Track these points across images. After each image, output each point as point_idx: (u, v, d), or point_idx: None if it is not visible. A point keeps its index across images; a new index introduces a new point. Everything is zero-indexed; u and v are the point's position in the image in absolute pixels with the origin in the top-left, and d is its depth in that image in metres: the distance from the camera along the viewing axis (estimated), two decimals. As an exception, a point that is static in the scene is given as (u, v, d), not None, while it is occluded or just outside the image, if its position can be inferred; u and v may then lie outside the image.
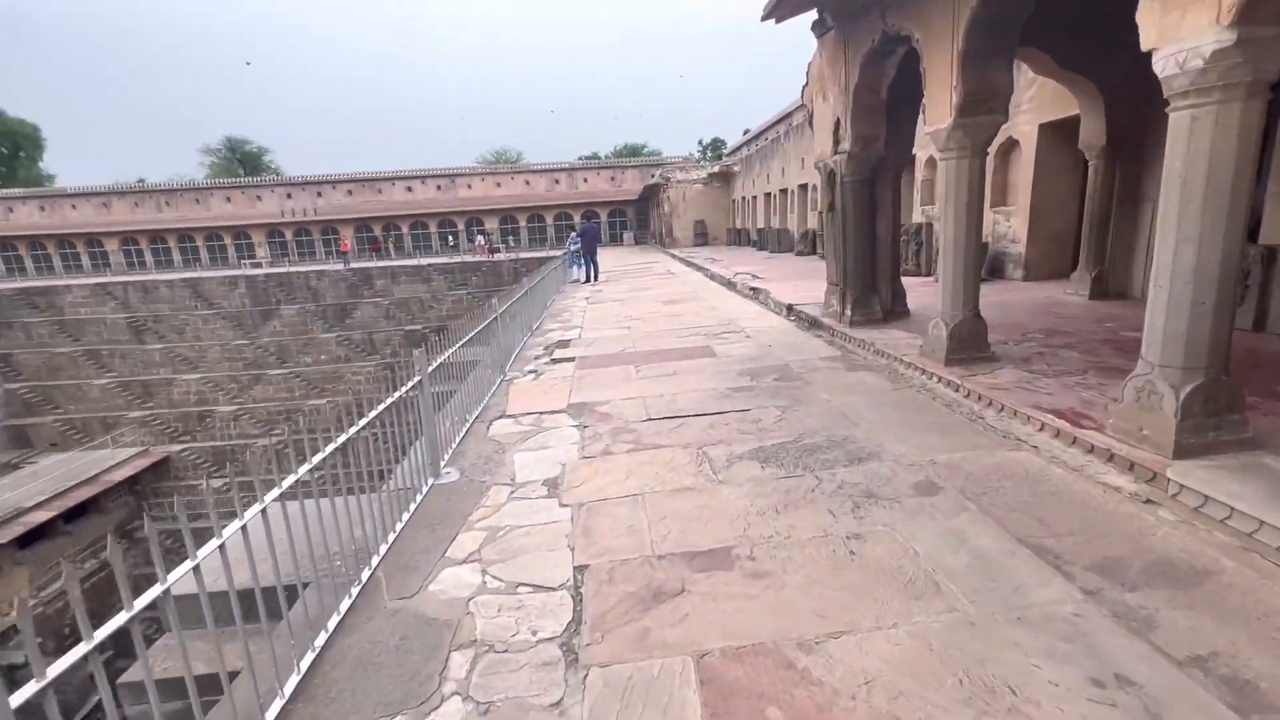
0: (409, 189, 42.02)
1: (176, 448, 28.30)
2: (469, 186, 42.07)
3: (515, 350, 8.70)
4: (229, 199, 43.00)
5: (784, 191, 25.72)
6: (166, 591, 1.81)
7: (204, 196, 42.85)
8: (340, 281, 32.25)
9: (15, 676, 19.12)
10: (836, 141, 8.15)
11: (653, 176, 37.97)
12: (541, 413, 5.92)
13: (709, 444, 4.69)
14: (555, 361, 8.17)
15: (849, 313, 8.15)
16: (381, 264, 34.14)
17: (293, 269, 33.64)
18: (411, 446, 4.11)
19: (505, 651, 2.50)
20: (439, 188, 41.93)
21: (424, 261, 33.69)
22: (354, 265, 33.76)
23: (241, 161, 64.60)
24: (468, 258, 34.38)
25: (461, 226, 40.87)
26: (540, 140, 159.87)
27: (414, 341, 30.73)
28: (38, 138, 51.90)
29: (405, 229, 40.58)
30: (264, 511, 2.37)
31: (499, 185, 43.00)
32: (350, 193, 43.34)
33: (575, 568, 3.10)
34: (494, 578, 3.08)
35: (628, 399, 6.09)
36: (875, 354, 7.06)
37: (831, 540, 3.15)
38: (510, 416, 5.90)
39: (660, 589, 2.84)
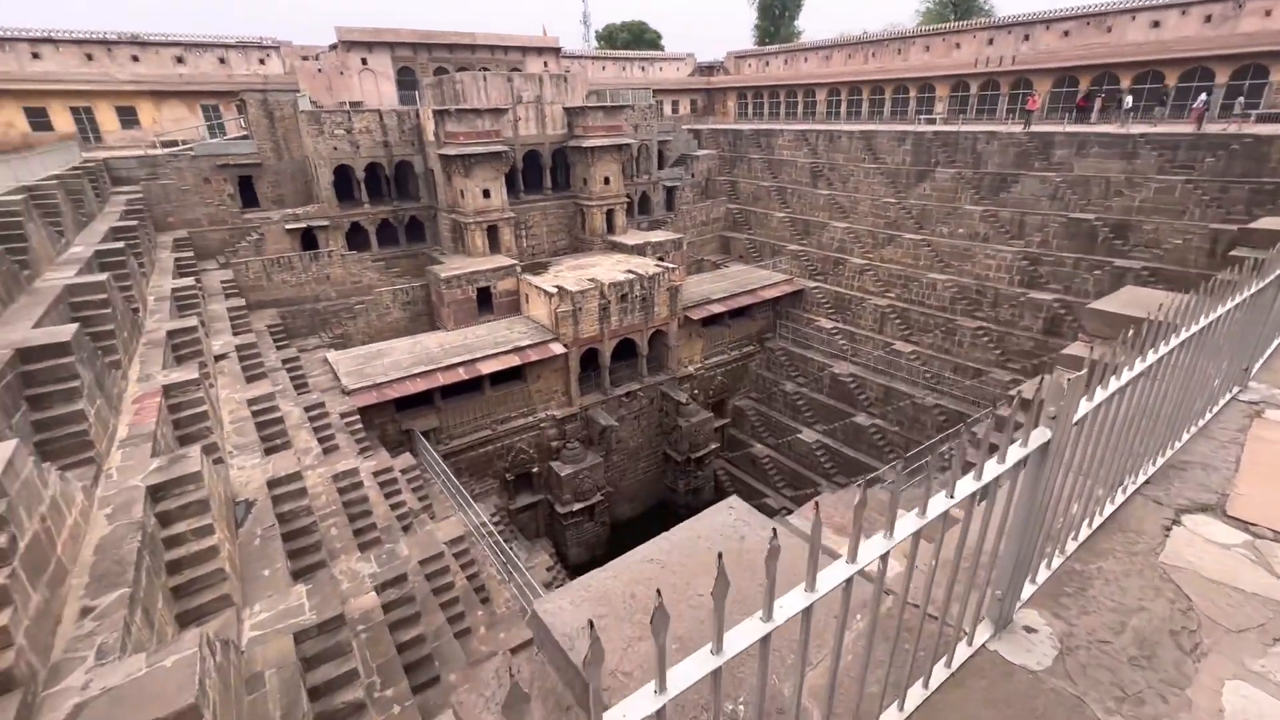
0: (1155, 23, 30.84)
1: (811, 284, 32.60)
2: (1268, 13, 27.48)
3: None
4: (928, 48, 41.87)
5: None
6: None
7: (905, 46, 43.06)
8: (1010, 146, 27.76)
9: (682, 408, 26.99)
10: None
11: None
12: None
13: None
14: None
15: None
16: (1072, 129, 27.33)
17: (963, 127, 30.83)
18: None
19: None
20: (1208, 19, 29.10)
21: (1134, 130, 25.08)
22: (1035, 128, 28.23)
23: (955, 5, 61.44)
24: (1212, 128, 23.62)
25: (1224, 80, 28.01)
26: None
27: (1074, 234, 24.52)
28: (799, -2, 62.27)
29: (1127, 82, 30.82)
30: None
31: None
32: (1066, 34, 35.30)
33: None
34: None
35: None
36: None
37: None
38: None
39: None
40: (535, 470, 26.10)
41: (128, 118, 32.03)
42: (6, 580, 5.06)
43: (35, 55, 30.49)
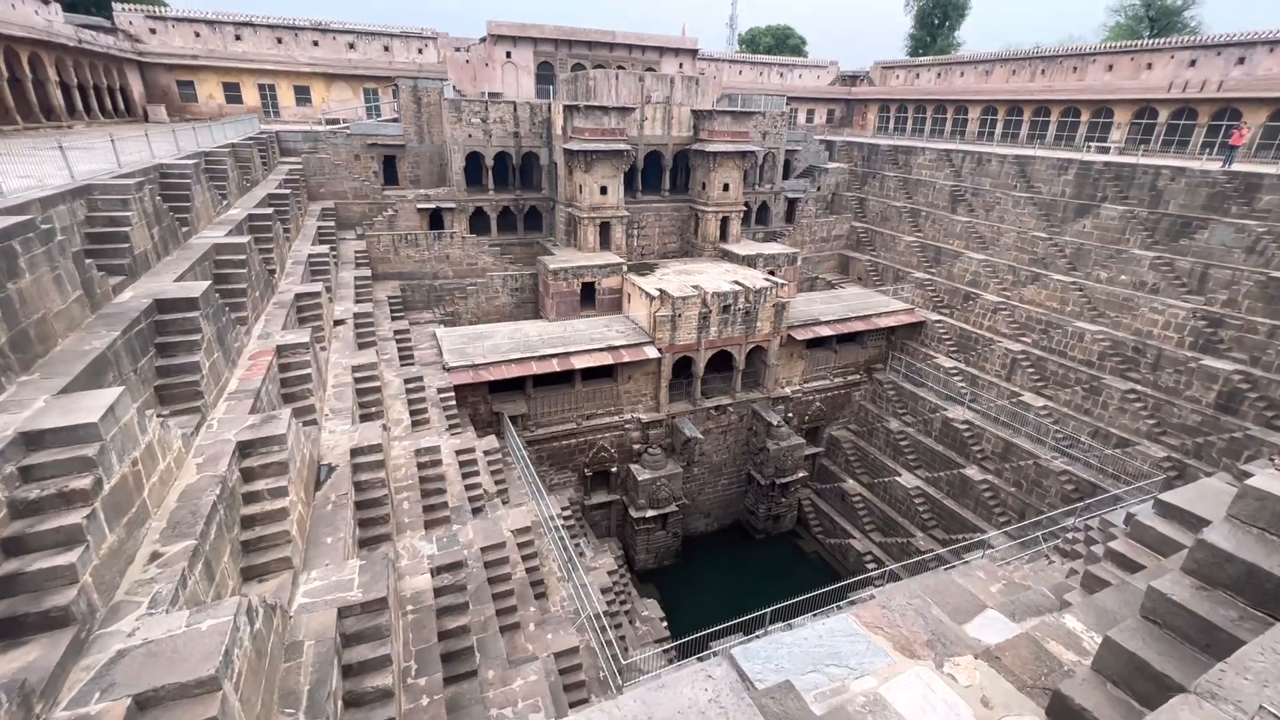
0: None
1: (934, 316, 29.99)
2: None
3: None
4: (1110, 66, 37.04)
5: None
6: None
7: (1083, 64, 38.37)
8: (1202, 186, 23.81)
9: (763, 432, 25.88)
10: None
11: None
12: None
13: None
14: None
15: None
16: (1287, 171, 23.00)
17: (1142, 160, 26.91)
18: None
19: None
20: None
21: (1377, 177, 20.60)
22: (1237, 166, 24.04)
23: (1153, 20, 54.08)
24: None
25: None
26: None
27: (1273, 296, 20.51)
28: (964, 6, 57.48)
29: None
30: None
31: None
32: (1294, 58, 29.86)
33: None
34: None
35: None
36: None
37: None
38: None
39: None
40: (614, 470, 26.05)
41: (302, 96, 35.74)
42: (84, 520, 5.44)
43: (238, 37, 34.78)
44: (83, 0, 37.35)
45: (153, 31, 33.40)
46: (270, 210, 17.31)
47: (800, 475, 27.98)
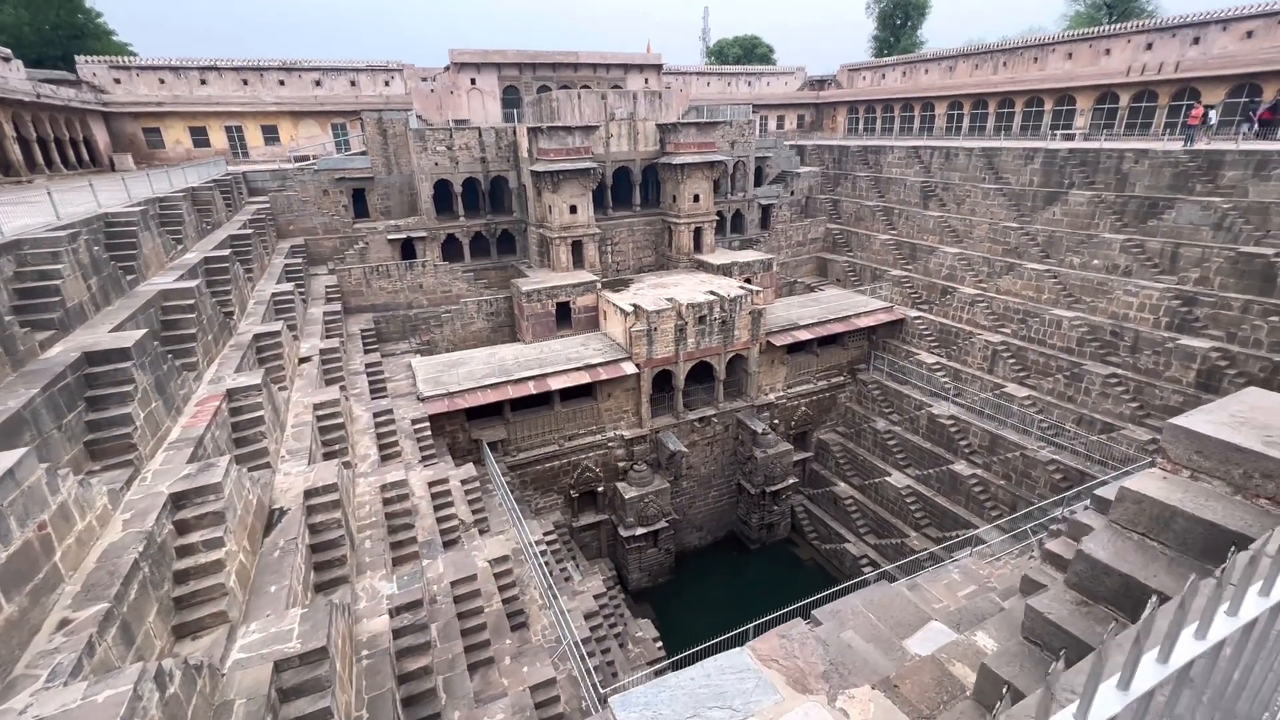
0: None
1: (913, 313, 29.90)
2: None
3: None
4: (1070, 55, 37.39)
5: None
6: None
7: (1043, 54, 38.75)
8: (1165, 166, 23.89)
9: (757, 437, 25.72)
10: None
11: None
12: None
13: None
14: None
15: None
16: (1250, 146, 23.11)
17: (1105, 144, 27.03)
18: None
19: None
20: None
21: (1336, 147, 20.67)
22: (1198, 145, 24.14)
23: (1111, 7, 54.84)
24: None
25: None
26: None
27: (1244, 271, 20.48)
28: (924, 6, 58.24)
29: (1325, 91, 25.68)
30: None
31: None
32: (1250, 35, 30.16)
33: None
34: None
35: None
36: None
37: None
38: None
39: None
40: (601, 490, 25.71)
41: (270, 135, 35.76)
42: (-28, 593, 5.16)
43: (203, 81, 34.87)
44: (50, 55, 37.52)
45: (117, 81, 33.46)
46: (228, 252, 17.14)
47: (791, 482, 27.67)
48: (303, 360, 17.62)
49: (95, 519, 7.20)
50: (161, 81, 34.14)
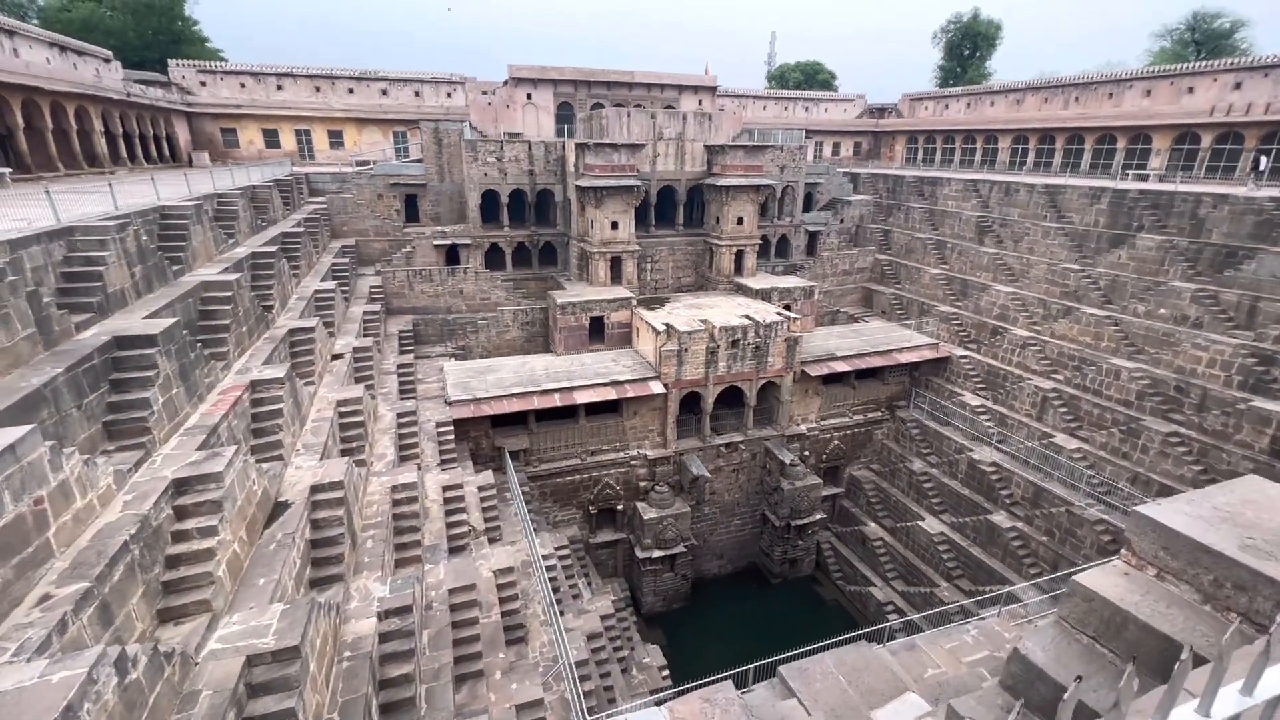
0: None
1: (960, 352, 28.65)
2: None
3: None
4: (1149, 91, 35.47)
5: None
6: None
7: (1119, 90, 36.90)
8: (1247, 214, 22.22)
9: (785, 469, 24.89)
10: None
11: None
12: None
13: None
14: None
15: None
16: (1343, 196, 21.26)
17: (1181, 187, 25.40)
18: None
19: None
20: None
21: None
22: (1272, 192, 22.39)
23: (1200, 44, 51.98)
24: None
25: None
26: None
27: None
28: (994, 37, 56.57)
29: None
30: None
31: None
32: (1352, 78, 27.99)
33: None
34: None
35: None
36: None
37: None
38: None
39: None
40: (620, 508, 25.43)
41: (335, 139, 37.51)
42: (-47, 562, 5.35)
43: (279, 87, 36.95)
44: (150, 59, 40.58)
45: (203, 84, 35.83)
46: (276, 249, 17.88)
47: (818, 517, 26.71)
48: (335, 357, 18.13)
49: (97, 498, 7.44)
50: (242, 85, 36.37)
